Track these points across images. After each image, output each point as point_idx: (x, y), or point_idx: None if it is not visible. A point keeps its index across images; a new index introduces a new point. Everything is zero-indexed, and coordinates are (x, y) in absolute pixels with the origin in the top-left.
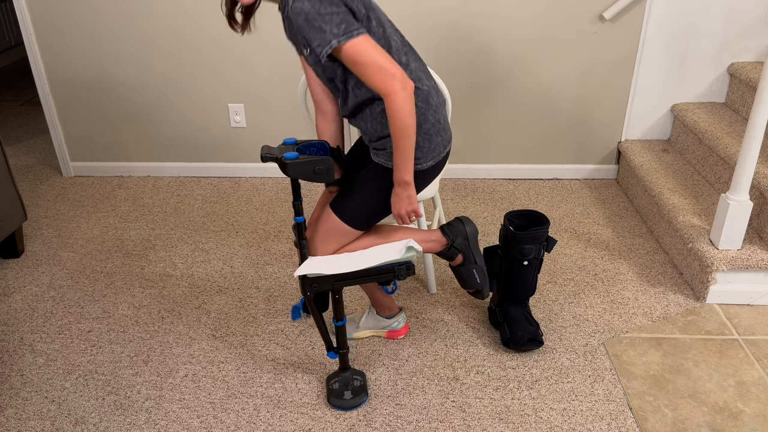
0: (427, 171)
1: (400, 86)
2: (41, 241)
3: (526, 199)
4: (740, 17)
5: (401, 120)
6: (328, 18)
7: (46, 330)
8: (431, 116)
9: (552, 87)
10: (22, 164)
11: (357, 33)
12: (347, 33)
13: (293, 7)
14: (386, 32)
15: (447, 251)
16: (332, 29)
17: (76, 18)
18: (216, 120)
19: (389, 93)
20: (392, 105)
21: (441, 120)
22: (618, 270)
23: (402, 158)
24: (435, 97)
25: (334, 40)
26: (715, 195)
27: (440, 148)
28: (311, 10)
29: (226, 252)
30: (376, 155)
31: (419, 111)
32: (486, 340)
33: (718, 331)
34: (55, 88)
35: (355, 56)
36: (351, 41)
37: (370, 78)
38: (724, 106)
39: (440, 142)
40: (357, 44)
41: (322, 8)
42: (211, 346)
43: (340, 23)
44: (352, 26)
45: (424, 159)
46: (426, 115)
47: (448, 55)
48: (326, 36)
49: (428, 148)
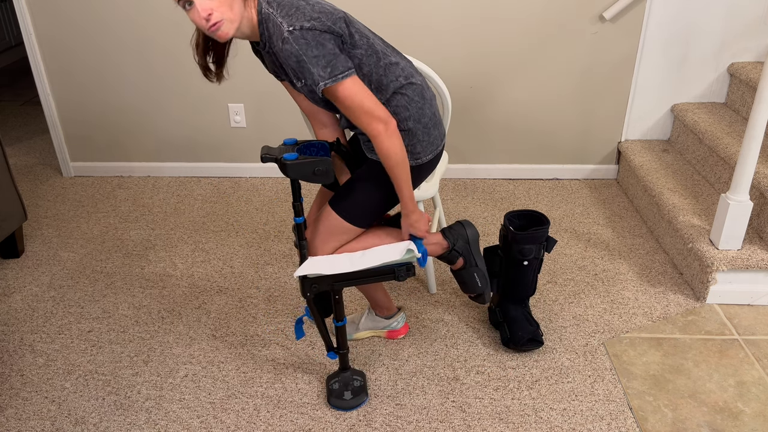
0: (426, 164)
1: (383, 128)
2: (41, 241)
3: (526, 199)
4: (740, 17)
5: (392, 158)
6: (315, 61)
7: (46, 330)
8: (428, 110)
9: (552, 87)
10: (22, 164)
11: (343, 76)
12: (333, 77)
13: (284, 50)
14: (370, 41)
15: (448, 254)
16: (320, 72)
17: (76, 18)
18: (216, 120)
19: (375, 135)
20: (380, 145)
21: (436, 113)
22: (618, 270)
23: (403, 190)
24: (428, 91)
25: (321, 82)
26: (715, 195)
27: (438, 141)
28: (299, 52)
29: (226, 252)
30: (372, 152)
31: (416, 106)
32: (486, 340)
33: (719, 331)
34: (55, 88)
35: (342, 99)
36: (338, 84)
37: (356, 119)
38: (725, 106)
39: (437, 135)
40: (344, 88)
41: (309, 51)
42: (211, 346)
43: (326, 66)
44: (337, 69)
45: (423, 153)
46: (423, 109)
47: (448, 55)
48: (315, 78)
49: (427, 141)
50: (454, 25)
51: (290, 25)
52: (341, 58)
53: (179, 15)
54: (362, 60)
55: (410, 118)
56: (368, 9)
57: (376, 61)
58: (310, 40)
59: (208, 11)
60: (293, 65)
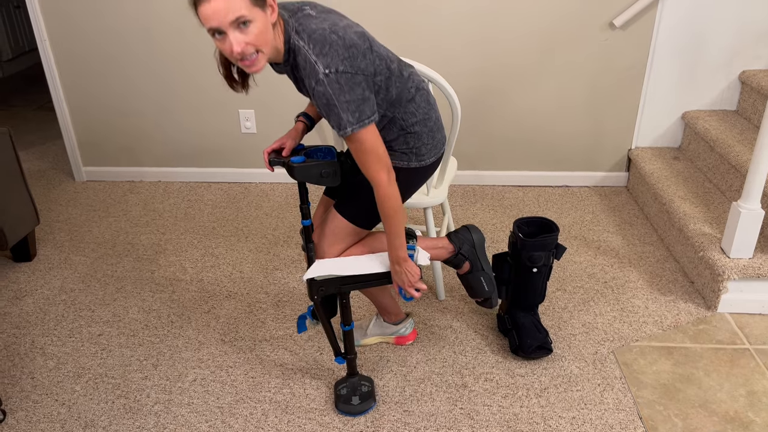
0: (429, 166)
1: (386, 178)
2: (53, 244)
3: (536, 206)
4: (751, 25)
5: (390, 207)
6: (345, 106)
7: (57, 333)
8: (433, 114)
9: (562, 94)
10: (36, 169)
11: (368, 122)
12: (360, 122)
13: (317, 90)
14: (386, 62)
15: (454, 258)
16: (348, 117)
17: (90, 25)
18: (227, 126)
19: (378, 183)
20: (383, 192)
21: (439, 117)
22: (628, 278)
23: (395, 238)
24: (432, 96)
25: (349, 128)
26: (726, 203)
27: (441, 144)
28: (332, 96)
29: (235, 257)
30: None
31: (423, 111)
32: (495, 347)
33: (730, 340)
34: (68, 94)
35: (360, 142)
36: (362, 130)
37: (365, 164)
38: (736, 114)
39: (440, 138)
40: (365, 132)
41: (342, 96)
42: (220, 350)
43: (354, 111)
44: (363, 114)
45: (428, 155)
46: (429, 114)
47: (458, 62)
48: (342, 122)
49: (432, 144)
50: (465, 32)
51: (326, 67)
52: (369, 102)
53: (191, 22)
54: (380, 85)
55: (417, 123)
56: (379, 17)
57: (393, 82)
58: (343, 84)
59: (242, 45)
60: (322, 105)
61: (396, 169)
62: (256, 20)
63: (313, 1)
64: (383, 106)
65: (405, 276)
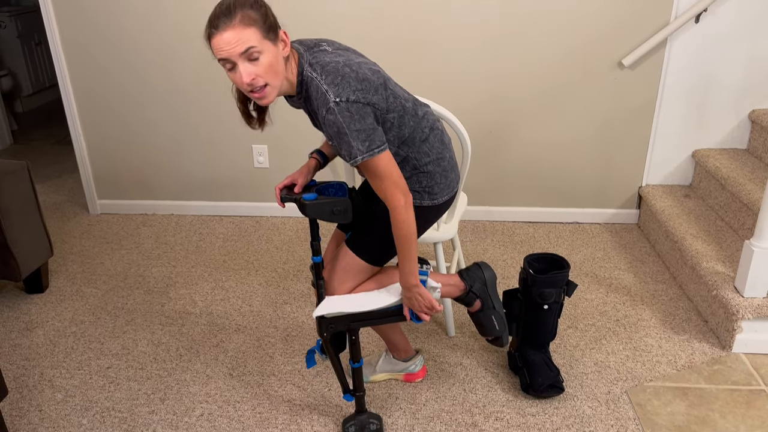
0: (440, 206)
1: (403, 201)
2: (65, 276)
3: (546, 243)
4: (761, 64)
5: (405, 230)
6: (356, 135)
7: (66, 365)
8: (447, 153)
9: (572, 131)
10: (51, 201)
11: (378, 151)
12: (370, 151)
13: (327, 119)
14: (400, 101)
15: (465, 296)
16: (359, 146)
17: (108, 61)
18: (240, 160)
19: (395, 207)
20: (398, 216)
21: (453, 157)
22: (640, 316)
23: (407, 263)
24: (446, 135)
25: (359, 156)
26: (739, 241)
27: (454, 183)
28: (343, 125)
29: (245, 290)
30: None
31: (437, 151)
32: (505, 385)
33: (745, 381)
34: (86, 128)
35: (373, 169)
36: (374, 158)
37: (383, 189)
38: (746, 153)
39: (454, 177)
40: (378, 160)
41: (352, 125)
42: (228, 385)
43: (365, 140)
44: (374, 143)
45: (440, 194)
46: (443, 153)
47: (469, 98)
48: (353, 151)
49: (445, 183)
50: (475, 69)
51: (337, 96)
52: (378, 132)
53: (207, 59)
54: (393, 122)
55: (431, 162)
56: (390, 56)
57: (407, 121)
58: (353, 113)
59: (252, 76)
60: (333, 134)
61: None
62: (266, 52)
63: (331, 39)
64: (395, 143)
65: (416, 301)
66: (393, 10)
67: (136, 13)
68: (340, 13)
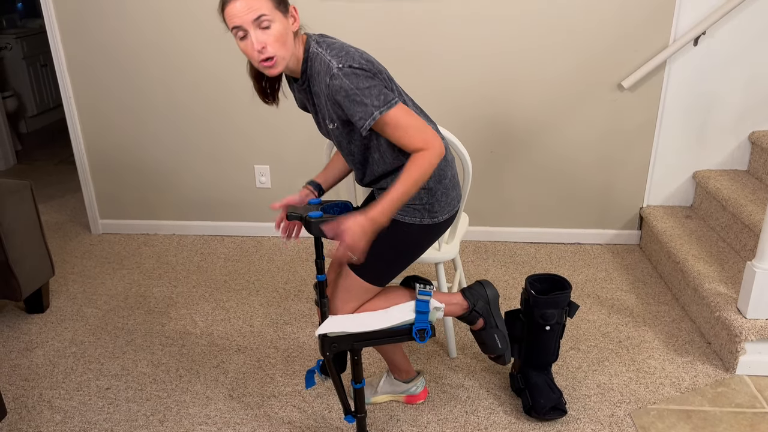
0: (441, 224)
1: (437, 144)
2: (66, 296)
3: (548, 263)
4: (759, 86)
5: (418, 174)
6: (367, 92)
7: (65, 386)
8: (449, 171)
9: (572, 152)
10: (54, 221)
11: (395, 102)
12: (387, 104)
13: (331, 85)
14: (405, 101)
15: (468, 315)
16: (373, 102)
17: (113, 83)
18: (242, 180)
19: (428, 148)
20: (423, 157)
21: (455, 175)
22: (643, 338)
23: (391, 200)
24: (450, 154)
25: (376, 111)
26: (741, 262)
27: (455, 202)
28: (351, 87)
29: (246, 311)
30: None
31: (439, 168)
32: (507, 407)
33: (749, 403)
34: (89, 148)
35: (396, 122)
36: (391, 110)
37: (410, 140)
38: (747, 174)
39: (455, 196)
40: (397, 112)
41: (360, 83)
42: (228, 406)
43: (379, 95)
44: (389, 96)
45: (441, 212)
46: (445, 170)
47: (470, 119)
48: (368, 108)
49: (446, 201)
50: (475, 90)
51: (340, 62)
52: (390, 92)
53: (210, 81)
54: None
55: (432, 178)
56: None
57: None
58: (360, 74)
59: (262, 44)
60: (341, 100)
61: (407, 225)
62: (276, 22)
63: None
64: (396, 149)
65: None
66: (394, 32)
67: (142, 35)
68: (341, 29)
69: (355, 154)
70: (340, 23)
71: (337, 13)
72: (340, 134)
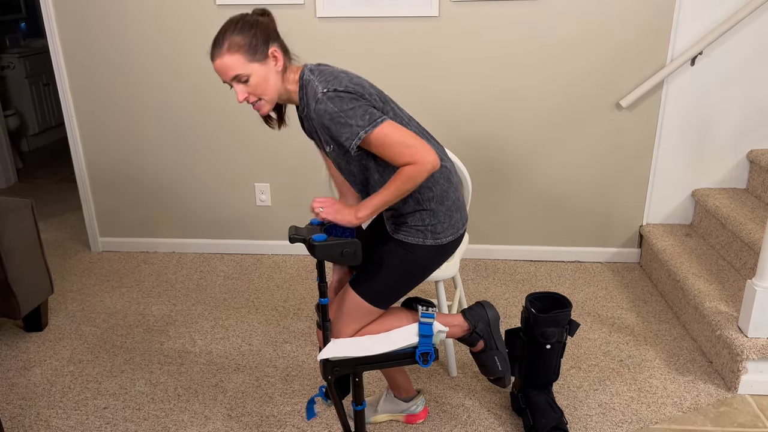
0: (445, 246)
1: (430, 158)
2: (65, 314)
3: (548, 281)
4: (757, 104)
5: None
6: (351, 113)
7: (62, 405)
8: (452, 194)
9: (572, 170)
10: (53, 239)
11: (381, 120)
12: (372, 122)
13: (317, 110)
14: (403, 122)
15: (468, 337)
16: (357, 122)
17: (115, 103)
18: (242, 199)
19: (417, 162)
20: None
21: (460, 198)
22: (644, 357)
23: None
24: (455, 176)
25: (361, 131)
26: (741, 281)
27: (459, 225)
28: (334, 110)
29: (245, 329)
30: (395, 231)
31: (441, 188)
32: (508, 427)
33: (751, 423)
34: (90, 167)
35: (383, 140)
36: (377, 128)
37: (400, 156)
38: (746, 192)
39: (459, 218)
40: (383, 129)
41: (344, 105)
42: (226, 426)
43: (364, 114)
44: (375, 115)
45: (444, 234)
46: (448, 192)
47: (469, 137)
48: (353, 129)
49: (449, 224)
50: (474, 109)
51: (325, 87)
52: (376, 111)
53: (211, 99)
54: None
55: (433, 199)
56: (391, 91)
57: None
58: (344, 98)
59: (244, 95)
60: (327, 123)
61: (411, 246)
62: (254, 74)
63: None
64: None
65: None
66: (396, 52)
67: (145, 56)
68: (339, 57)
69: (355, 175)
70: (336, 51)
71: (333, 33)
72: (337, 156)
